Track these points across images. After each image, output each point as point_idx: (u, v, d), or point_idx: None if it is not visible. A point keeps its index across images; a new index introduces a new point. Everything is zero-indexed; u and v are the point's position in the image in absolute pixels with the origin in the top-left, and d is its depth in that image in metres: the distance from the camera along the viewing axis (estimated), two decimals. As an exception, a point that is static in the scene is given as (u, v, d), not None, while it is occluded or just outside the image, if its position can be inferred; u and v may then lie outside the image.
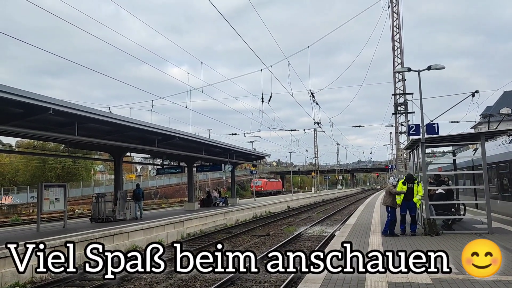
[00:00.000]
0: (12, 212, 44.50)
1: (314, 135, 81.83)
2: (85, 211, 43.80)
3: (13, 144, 74.76)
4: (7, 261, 10.58)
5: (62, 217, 18.95)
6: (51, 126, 15.88)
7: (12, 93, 11.28)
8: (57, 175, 59.85)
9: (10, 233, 16.75)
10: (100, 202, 20.47)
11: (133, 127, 17.49)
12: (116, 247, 14.65)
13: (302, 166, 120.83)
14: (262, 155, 40.67)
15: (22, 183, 58.87)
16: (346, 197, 71.07)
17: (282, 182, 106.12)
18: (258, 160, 42.24)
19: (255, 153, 38.20)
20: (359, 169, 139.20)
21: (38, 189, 16.67)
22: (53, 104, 12.70)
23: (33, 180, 57.88)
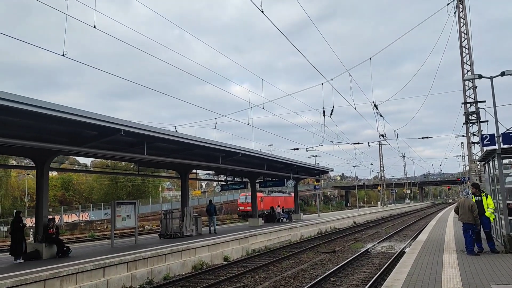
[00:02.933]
0: (89, 228, 47.20)
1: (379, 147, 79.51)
2: (154, 227, 45.43)
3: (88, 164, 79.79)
4: (86, 275, 11.20)
5: (133, 233, 19.77)
6: (122, 146, 16.75)
7: (88, 117, 12.05)
8: (128, 192, 62.84)
9: (88, 248, 17.72)
10: (168, 218, 21.15)
11: (197, 145, 17.99)
12: (184, 263, 15.01)
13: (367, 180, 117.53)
14: (325, 170, 40.08)
15: (97, 200, 62.44)
16: (415, 212, 67.96)
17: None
18: (321, 175, 41.65)
19: (318, 167, 37.74)
20: (428, 182, 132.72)
21: (111, 207, 17.57)
22: (124, 126, 13.39)
23: (107, 197, 61.20)
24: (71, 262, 12.25)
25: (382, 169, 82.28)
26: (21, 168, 37.50)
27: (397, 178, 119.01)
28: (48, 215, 15.19)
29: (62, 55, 9.77)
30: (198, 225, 22.35)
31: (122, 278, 12.25)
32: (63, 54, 9.79)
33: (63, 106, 11.44)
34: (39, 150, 13.95)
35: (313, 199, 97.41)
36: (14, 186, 55.72)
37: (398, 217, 52.79)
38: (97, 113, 12.58)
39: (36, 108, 10.51)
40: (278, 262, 16.64)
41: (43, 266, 11.81)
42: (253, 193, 31.52)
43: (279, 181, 33.18)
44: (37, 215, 14.73)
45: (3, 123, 11.12)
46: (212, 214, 24.24)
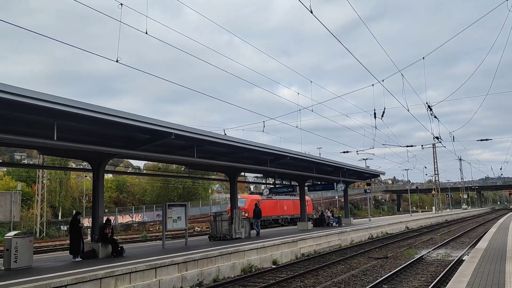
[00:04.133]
0: (141, 229, 48.76)
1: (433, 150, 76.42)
2: (203, 228, 46.20)
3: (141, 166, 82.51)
4: (138, 275, 11.51)
5: (184, 234, 20.15)
6: (173, 149, 17.13)
7: (141, 121, 12.43)
8: (178, 194, 64.36)
9: (141, 249, 18.25)
10: (217, 220, 21.39)
11: (246, 148, 18.08)
12: (233, 265, 15.08)
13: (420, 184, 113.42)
14: (376, 173, 39.09)
15: (149, 202, 64.39)
16: (473, 218, 64.69)
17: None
18: (371, 178, 40.70)
19: (369, 171, 36.86)
20: (487, 187, 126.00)
21: (162, 209, 18.00)
22: (175, 129, 13.69)
23: (159, 199, 62.98)
24: (125, 262, 12.64)
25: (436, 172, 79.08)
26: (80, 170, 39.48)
27: (453, 182, 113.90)
28: (106, 216, 15.80)
29: (115, 61, 10.13)
30: (247, 228, 22.43)
31: (173, 279, 12.49)
32: (117, 60, 10.15)
33: (118, 111, 11.87)
34: (95, 153, 14.55)
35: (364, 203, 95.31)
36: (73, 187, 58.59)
37: (454, 223, 50.46)
38: (150, 117, 12.95)
39: (94, 113, 10.97)
40: (328, 267, 16.35)
41: (99, 265, 12.26)
42: (302, 196, 31.26)
43: (328, 184, 32.72)
44: (94, 215, 15.36)
45: (63, 128, 11.66)
46: (259, 217, 24.54)
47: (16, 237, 12.61)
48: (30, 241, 13.06)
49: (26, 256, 12.68)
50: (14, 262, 12.27)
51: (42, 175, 43.41)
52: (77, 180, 61.33)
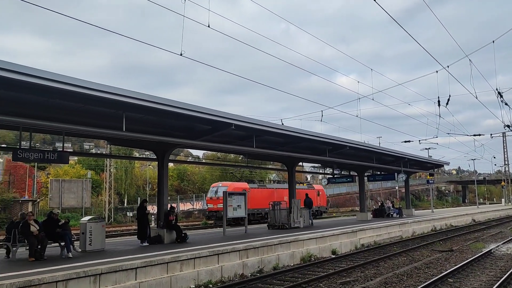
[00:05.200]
0: (202, 216, 50.18)
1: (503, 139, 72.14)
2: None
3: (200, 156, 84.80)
4: (202, 260, 11.99)
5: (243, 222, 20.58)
6: (232, 140, 17.50)
7: (203, 112, 12.84)
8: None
9: (202, 236, 18.91)
10: (276, 209, 21.63)
11: (304, 138, 18.07)
12: (292, 254, 15.24)
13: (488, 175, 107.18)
14: (440, 163, 37.50)
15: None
16: (548, 211, 60.36)
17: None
18: (434, 169, 39.12)
19: (431, 161, 35.46)
20: None
21: (223, 197, 18.48)
22: (235, 120, 14.00)
23: (217, 188, 64.29)
24: (189, 248, 13.19)
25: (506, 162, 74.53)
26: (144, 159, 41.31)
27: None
28: (169, 204, 16.50)
29: (179, 55, 10.50)
30: (305, 217, 22.49)
31: (235, 266, 12.86)
32: (181, 53, 10.51)
33: (182, 102, 12.33)
34: (160, 143, 15.20)
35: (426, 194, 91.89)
36: (137, 175, 61.33)
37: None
38: (211, 109, 13.32)
39: (160, 105, 11.48)
40: (388, 258, 16.07)
41: (165, 250, 12.89)
42: (361, 187, 30.75)
43: (389, 174, 31.92)
44: (159, 202, 16.08)
45: (131, 119, 12.29)
46: (311, 207, 24.68)
47: (90, 221, 13.55)
48: (103, 226, 13.97)
49: (99, 240, 13.59)
50: (89, 244, 13.21)
51: (109, 164, 45.93)
52: (141, 169, 64.14)
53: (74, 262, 10.69)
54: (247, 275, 12.90)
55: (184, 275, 11.22)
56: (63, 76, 9.25)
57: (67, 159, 13.52)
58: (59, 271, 9.05)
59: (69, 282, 8.84)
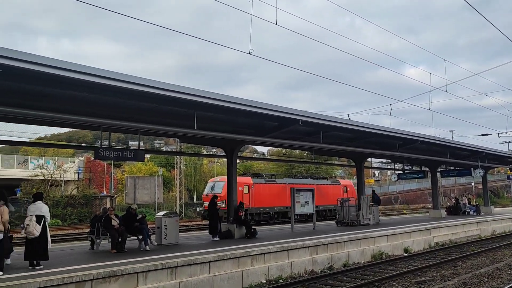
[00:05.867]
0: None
1: None
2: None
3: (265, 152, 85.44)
4: (272, 256, 12.12)
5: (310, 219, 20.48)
6: (299, 136, 17.44)
7: (270, 109, 12.92)
8: (302, 179, 65.17)
9: (271, 232, 19.05)
10: (344, 206, 21.30)
11: (373, 133, 17.58)
12: (362, 251, 14.95)
13: None
14: (522, 157, 34.82)
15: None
16: None
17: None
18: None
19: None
20: None
21: (291, 193, 18.51)
22: (302, 116, 13.93)
23: (283, 184, 64.55)
24: (258, 243, 13.38)
25: None
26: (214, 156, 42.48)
27: None
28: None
29: (248, 53, 10.67)
30: (375, 214, 21.94)
31: (304, 262, 12.86)
32: (249, 52, 10.66)
33: (249, 100, 12.51)
34: (229, 140, 15.54)
35: (505, 190, 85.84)
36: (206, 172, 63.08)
37: None
38: (278, 105, 13.38)
39: (229, 103, 11.73)
40: (466, 258, 15.26)
41: (235, 245, 13.17)
42: (434, 183, 29.40)
43: (464, 170, 30.24)
44: (229, 198, 16.46)
45: (201, 118, 12.67)
46: (376, 204, 24.01)
47: (165, 216, 14.18)
48: (176, 221, 14.57)
49: (174, 234, 14.18)
50: (164, 238, 13.84)
51: (179, 161, 47.69)
52: (209, 165, 65.92)
53: (151, 254, 11.25)
54: (317, 271, 12.85)
55: (255, 270, 11.42)
56: (140, 78, 9.74)
57: (142, 156, 14.24)
58: (139, 263, 9.58)
59: (148, 273, 9.33)
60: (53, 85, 9.58)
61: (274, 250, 12.28)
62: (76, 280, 8.16)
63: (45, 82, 9.28)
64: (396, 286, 11.11)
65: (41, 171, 40.93)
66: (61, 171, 43.25)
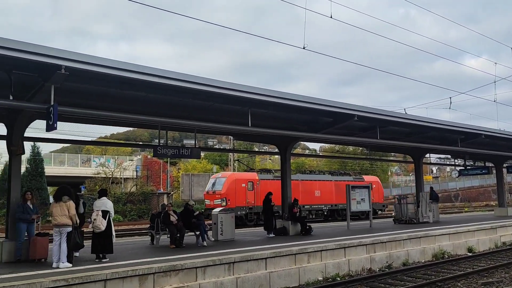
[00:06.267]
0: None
1: None
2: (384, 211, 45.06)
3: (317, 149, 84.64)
4: (329, 253, 11.98)
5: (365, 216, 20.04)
6: (354, 131, 17.09)
7: (324, 105, 12.76)
8: (356, 176, 63.99)
9: (326, 229, 18.88)
10: (402, 203, 20.65)
11: (432, 127, 16.90)
12: (423, 250, 14.42)
13: None
14: None
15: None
16: None
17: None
18: None
19: None
20: None
21: (346, 190, 18.20)
22: (358, 111, 13.63)
23: (336, 181, 63.72)
24: (314, 240, 13.26)
25: None
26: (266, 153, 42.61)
27: None
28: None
29: (302, 48, 10.58)
30: (435, 212, 21.09)
31: (362, 260, 12.59)
32: (304, 47, 10.58)
33: (303, 96, 12.41)
34: (282, 137, 15.49)
35: None
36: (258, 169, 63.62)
37: None
38: (332, 101, 13.19)
39: (283, 99, 11.71)
40: (538, 259, 14.28)
41: (290, 241, 13.13)
42: (499, 179, 27.80)
43: (534, 165, 28.32)
44: (283, 195, 16.42)
45: (255, 115, 12.73)
46: (435, 202, 22.83)
47: (221, 213, 14.42)
48: (232, 217, 14.76)
49: (229, 230, 14.39)
50: (220, 234, 14.07)
51: (233, 158, 48.34)
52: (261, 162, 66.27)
53: (209, 250, 11.46)
54: (375, 270, 12.54)
55: (311, 267, 11.33)
56: (196, 77, 9.93)
57: (199, 154, 14.50)
58: (197, 258, 9.79)
59: (207, 268, 9.51)
60: (115, 86, 10.01)
61: (331, 248, 12.12)
62: (139, 273, 8.48)
63: (109, 83, 9.71)
64: (460, 287, 10.61)
65: (103, 169, 43.02)
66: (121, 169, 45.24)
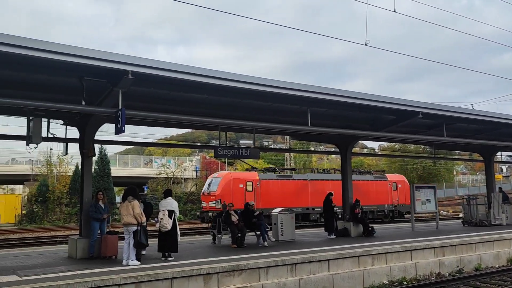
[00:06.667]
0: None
1: None
2: (450, 212, 42.99)
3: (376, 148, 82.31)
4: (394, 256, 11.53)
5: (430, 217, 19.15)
6: (417, 129, 16.37)
7: (387, 102, 12.31)
8: (418, 176, 61.49)
9: (389, 231, 18.17)
10: (471, 204, 19.50)
11: (505, 124, 15.80)
12: (497, 254, 13.53)
13: None
14: None
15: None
16: None
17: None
18: None
19: None
20: None
21: (410, 190, 17.50)
22: (422, 108, 13.03)
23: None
24: (377, 242, 12.83)
25: None
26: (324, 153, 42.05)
27: None
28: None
29: (364, 45, 10.26)
30: (509, 214, 19.73)
31: (430, 263, 12.02)
32: (365, 43, 10.26)
33: (364, 93, 12.06)
34: (342, 136, 15.15)
35: None
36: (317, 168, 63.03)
37: None
38: (395, 97, 12.72)
39: (343, 97, 11.43)
40: None
41: (352, 243, 12.80)
42: None
43: None
44: (344, 195, 16.05)
45: (314, 114, 12.53)
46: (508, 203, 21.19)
47: (281, 213, 14.34)
48: (292, 217, 14.63)
49: (290, 231, 14.27)
50: (281, 235, 14.00)
51: (289, 158, 48.14)
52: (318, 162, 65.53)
53: (270, 250, 11.42)
54: (445, 274, 11.92)
55: (376, 270, 10.96)
56: (256, 78, 9.92)
57: (258, 154, 14.51)
58: (260, 259, 9.77)
59: (269, 269, 9.47)
60: (177, 89, 10.23)
61: (396, 250, 11.66)
62: (203, 272, 8.60)
63: (171, 86, 9.95)
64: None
65: (164, 170, 44.47)
66: (181, 169, 46.54)
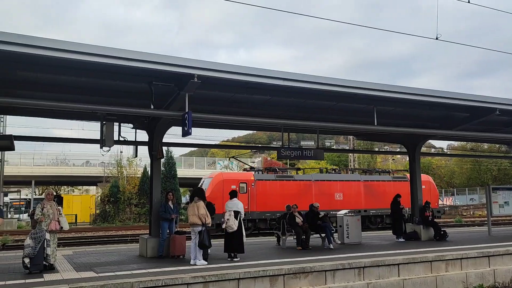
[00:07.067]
0: (454, 213, 46.41)
1: None
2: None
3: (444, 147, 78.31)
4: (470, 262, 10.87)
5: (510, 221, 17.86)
6: (493, 127, 15.37)
7: (460, 99, 11.66)
8: (493, 176, 57.84)
9: (463, 234, 17.20)
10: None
11: None
12: None
13: None
14: None
15: (459, 185, 60.46)
16: None
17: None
18: None
19: None
20: None
21: (486, 192, 16.42)
22: (500, 104, 12.21)
23: (469, 182, 58.42)
24: (450, 247, 12.16)
25: None
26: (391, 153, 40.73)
27: None
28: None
29: (435, 39, 9.78)
30: None
31: (510, 270, 11.19)
32: (436, 37, 9.77)
33: (434, 90, 11.49)
34: (411, 135, 14.54)
35: None
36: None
37: None
38: (469, 94, 12.05)
39: (411, 95, 10.98)
40: None
41: (423, 247, 12.22)
42: None
43: None
44: (413, 197, 15.37)
45: (380, 113, 12.14)
46: None
47: (347, 215, 14.03)
48: (358, 220, 14.25)
49: (356, 233, 13.90)
50: (346, 237, 13.68)
51: (353, 158, 47.16)
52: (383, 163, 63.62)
53: (336, 253, 11.19)
54: (527, 283, 11.04)
55: (450, 276, 10.38)
56: (321, 77, 9.77)
57: (322, 155, 14.29)
58: (326, 261, 9.60)
59: (336, 272, 9.28)
60: (241, 91, 10.34)
61: (472, 256, 10.97)
62: (270, 274, 8.59)
63: (235, 88, 10.07)
64: None
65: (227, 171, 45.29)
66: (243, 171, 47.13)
